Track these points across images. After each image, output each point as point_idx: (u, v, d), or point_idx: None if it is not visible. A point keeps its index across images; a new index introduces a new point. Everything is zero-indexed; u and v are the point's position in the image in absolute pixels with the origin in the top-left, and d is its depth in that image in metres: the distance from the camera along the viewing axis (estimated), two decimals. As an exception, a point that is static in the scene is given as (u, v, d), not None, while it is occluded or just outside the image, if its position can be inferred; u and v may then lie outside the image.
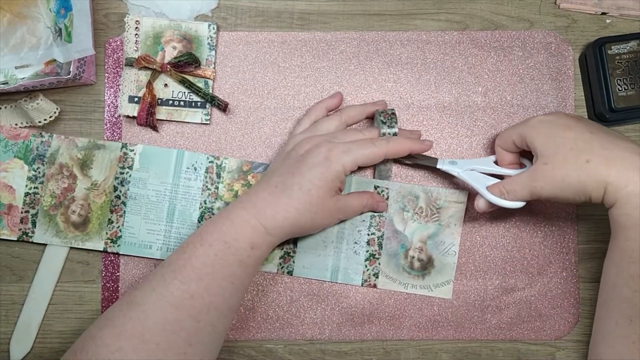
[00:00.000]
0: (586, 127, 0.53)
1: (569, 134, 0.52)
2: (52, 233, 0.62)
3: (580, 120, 0.54)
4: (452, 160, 0.61)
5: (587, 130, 0.52)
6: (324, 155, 0.55)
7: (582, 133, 0.52)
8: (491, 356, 0.63)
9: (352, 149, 0.55)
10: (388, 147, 0.57)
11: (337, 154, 0.55)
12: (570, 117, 0.55)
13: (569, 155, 0.51)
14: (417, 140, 0.60)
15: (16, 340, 0.62)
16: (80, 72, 0.60)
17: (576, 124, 0.53)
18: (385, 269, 0.63)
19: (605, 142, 0.51)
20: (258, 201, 0.54)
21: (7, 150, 0.62)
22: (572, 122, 0.54)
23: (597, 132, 0.52)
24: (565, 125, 0.53)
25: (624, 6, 0.64)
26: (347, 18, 0.65)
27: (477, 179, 0.59)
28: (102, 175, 0.62)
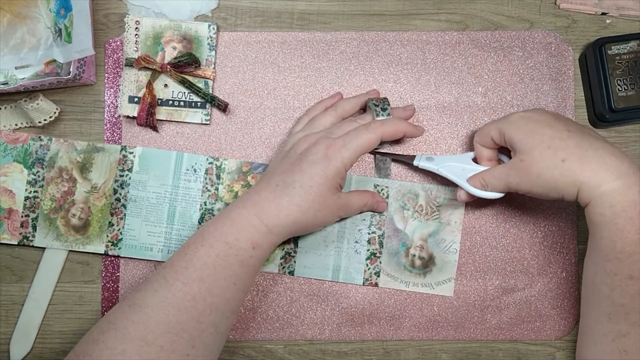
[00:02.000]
0: (564, 126, 0.53)
1: (547, 131, 0.52)
2: (52, 237, 0.62)
3: (559, 118, 0.54)
4: (429, 157, 0.61)
5: (564, 129, 0.52)
6: (322, 153, 0.54)
7: (560, 131, 0.52)
8: (491, 356, 0.64)
9: (348, 141, 0.55)
10: (383, 130, 0.56)
11: (336, 150, 0.54)
12: (550, 114, 0.55)
13: (546, 153, 0.52)
14: (411, 124, 0.59)
15: (16, 340, 0.62)
16: (80, 72, 0.60)
17: (555, 122, 0.53)
18: (386, 267, 0.63)
19: (581, 141, 0.51)
20: (260, 200, 0.54)
21: (7, 155, 0.62)
22: (551, 119, 0.54)
23: (575, 131, 0.52)
24: (544, 122, 0.53)
25: (624, 6, 0.64)
26: (347, 18, 0.65)
27: (456, 172, 0.59)
28: (102, 178, 0.62)
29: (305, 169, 0.54)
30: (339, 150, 0.54)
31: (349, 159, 0.55)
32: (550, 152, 0.52)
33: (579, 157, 0.51)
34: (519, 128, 0.54)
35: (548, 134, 0.52)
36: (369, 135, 0.56)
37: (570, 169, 0.51)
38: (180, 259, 0.53)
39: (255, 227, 0.53)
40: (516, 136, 0.54)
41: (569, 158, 0.51)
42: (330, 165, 0.54)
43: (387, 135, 0.57)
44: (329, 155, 0.54)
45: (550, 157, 0.51)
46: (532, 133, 0.53)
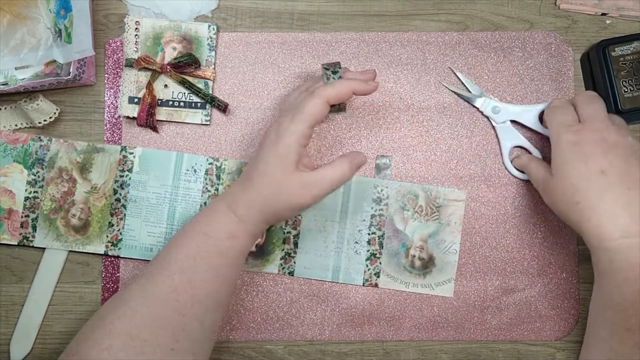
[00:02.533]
0: (601, 165, 0.51)
1: (580, 166, 0.51)
2: (52, 237, 0.62)
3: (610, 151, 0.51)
4: (495, 107, 0.62)
5: (598, 170, 0.51)
6: (274, 133, 0.53)
7: (591, 172, 0.51)
8: (491, 357, 0.64)
9: (295, 113, 0.53)
10: (327, 92, 0.53)
11: (285, 127, 0.52)
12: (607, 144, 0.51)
13: (568, 189, 0.52)
14: (360, 80, 0.55)
15: (16, 341, 0.62)
16: (80, 72, 0.60)
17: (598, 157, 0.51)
18: (386, 268, 0.63)
19: (606, 189, 0.50)
20: (231, 192, 0.55)
21: (6, 155, 0.62)
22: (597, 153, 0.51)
23: (609, 174, 0.50)
24: (588, 154, 0.51)
25: (624, 7, 0.64)
26: (347, 19, 0.65)
27: (509, 137, 0.62)
28: (102, 179, 0.62)
29: (263, 154, 0.53)
30: (287, 126, 0.52)
31: (299, 131, 0.52)
32: (572, 190, 0.51)
33: (591, 206, 0.50)
34: (561, 150, 0.53)
35: (579, 170, 0.51)
36: (313, 100, 0.52)
37: (580, 214, 0.51)
38: (165, 253, 0.53)
39: (228, 217, 0.54)
40: (556, 156, 0.54)
41: (582, 203, 0.51)
42: (280, 144, 0.52)
43: (333, 96, 0.53)
44: (279, 133, 0.53)
45: (570, 194, 0.52)
46: (568, 162, 0.52)
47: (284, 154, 0.52)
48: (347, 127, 0.64)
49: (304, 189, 0.53)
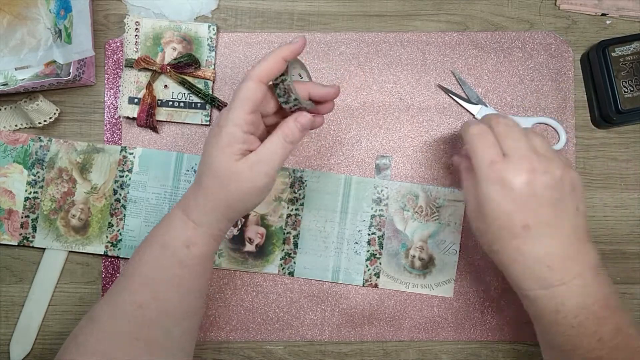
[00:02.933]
0: (522, 220, 0.47)
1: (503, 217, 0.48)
2: (52, 237, 0.62)
3: (527, 206, 0.47)
4: None
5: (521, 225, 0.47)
6: (216, 126, 0.49)
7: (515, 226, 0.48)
8: (491, 357, 0.64)
9: (232, 102, 0.49)
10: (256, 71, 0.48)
11: (224, 117, 0.49)
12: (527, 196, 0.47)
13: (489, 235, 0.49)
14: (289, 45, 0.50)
15: (16, 341, 0.62)
16: (80, 73, 0.60)
17: (519, 211, 0.47)
18: (386, 268, 0.63)
19: (525, 243, 0.48)
20: (186, 197, 0.52)
21: (6, 155, 0.62)
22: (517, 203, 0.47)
23: (530, 230, 0.47)
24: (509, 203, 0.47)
25: (624, 7, 0.64)
26: (347, 19, 0.65)
27: None
28: (102, 179, 0.62)
29: (208, 150, 0.50)
30: (226, 116, 0.49)
31: (238, 118, 0.48)
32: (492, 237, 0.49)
33: (510, 259, 0.49)
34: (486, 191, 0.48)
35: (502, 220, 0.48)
36: (246, 84, 0.48)
37: (499, 261, 0.50)
38: (129, 267, 0.52)
39: (184, 224, 0.51)
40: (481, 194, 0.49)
41: (501, 253, 0.49)
42: (221, 134, 0.48)
43: (264, 72, 0.48)
44: (219, 124, 0.49)
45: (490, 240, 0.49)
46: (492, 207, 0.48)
47: (227, 144, 0.48)
48: (347, 127, 0.64)
49: (252, 171, 0.49)
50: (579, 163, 0.64)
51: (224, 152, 0.48)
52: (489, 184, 0.48)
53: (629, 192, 0.64)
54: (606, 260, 0.64)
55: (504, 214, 0.47)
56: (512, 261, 0.49)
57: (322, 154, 0.64)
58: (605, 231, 0.64)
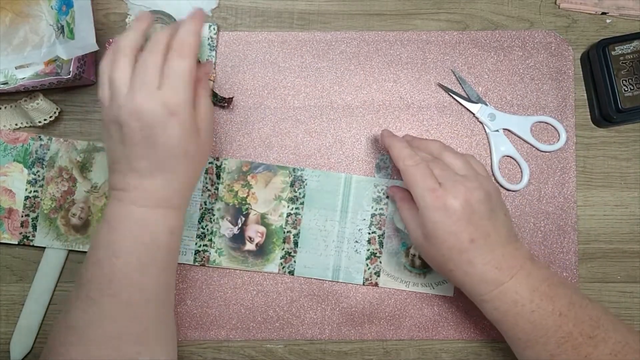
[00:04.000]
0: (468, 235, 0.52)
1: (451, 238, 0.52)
2: (52, 236, 0.62)
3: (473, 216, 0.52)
4: (491, 114, 0.63)
5: (468, 239, 0.52)
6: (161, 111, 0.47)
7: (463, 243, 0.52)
8: (492, 356, 0.63)
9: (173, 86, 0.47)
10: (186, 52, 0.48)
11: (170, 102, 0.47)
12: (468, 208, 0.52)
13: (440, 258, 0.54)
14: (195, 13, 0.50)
15: (16, 340, 0.62)
16: (81, 72, 0.60)
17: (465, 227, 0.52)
18: (386, 267, 0.63)
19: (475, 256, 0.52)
20: (149, 189, 0.50)
21: (7, 154, 0.62)
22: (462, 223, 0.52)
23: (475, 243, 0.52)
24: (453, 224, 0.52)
25: (624, 6, 0.64)
26: (347, 18, 0.65)
27: (501, 145, 0.63)
28: (102, 178, 0.62)
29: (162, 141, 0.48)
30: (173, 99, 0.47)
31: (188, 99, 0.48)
32: (444, 259, 0.53)
33: (464, 273, 0.53)
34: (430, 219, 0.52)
35: (450, 241, 0.52)
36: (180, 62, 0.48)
37: (455, 279, 0.54)
38: (100, 275, 0.49)
39: (164, 216, 0.51)
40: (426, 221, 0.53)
41: (455, 271, 0.53)
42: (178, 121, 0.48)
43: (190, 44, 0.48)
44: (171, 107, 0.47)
45: (442, 262, 0.54)
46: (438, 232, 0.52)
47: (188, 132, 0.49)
48: (347, 126, 0.64)
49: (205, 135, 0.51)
50: (579, 162, 0.64)
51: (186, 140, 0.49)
52: (434, 211, 0.52)
53: (629, 191, 0.64)
54: (606, 259, 0.64)
55: (451, 235, 0.52)
56: (466, 274, 0.53)
57: (323, 153, 0.64)
58: (605, 230, 0.64)
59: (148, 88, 0.47)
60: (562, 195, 0.63)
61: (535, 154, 0.64)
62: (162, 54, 0.48)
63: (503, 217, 0.54)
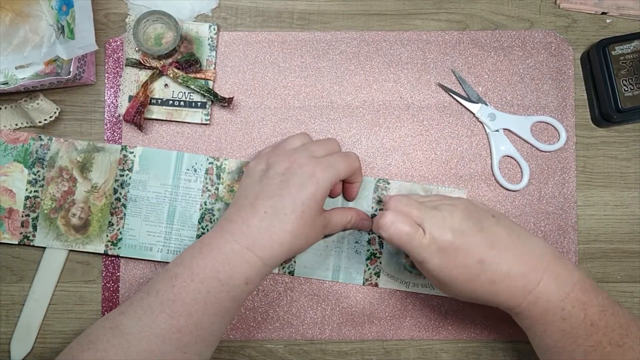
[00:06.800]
0: (479, 254, 0.50)
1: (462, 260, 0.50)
2: (52, 236, 0.62)
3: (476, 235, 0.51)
4: (491, 114, 0.63)
5: (476, 261, 0.50)
6: (309, 173, 0.52)
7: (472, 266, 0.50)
8: (492, 356, 0.63)
9: (333, 162, 0.53)
10: (359, 163, 0.57)
11: (323, 170, 0.52)
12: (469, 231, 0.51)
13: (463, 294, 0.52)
14: None
15: (16, 340, 0.62)
16: (81, 72, 0.60)
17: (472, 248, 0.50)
18: (386, 268, 0.63)
19: (495, 272, 0.50)
20: (250, 232, 0.51)
21: (7, 154, 0.62)
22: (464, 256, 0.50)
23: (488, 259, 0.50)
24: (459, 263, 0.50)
25: (624, 6, 0.64)
26: (347, 18, 0.65)
27: (501, 145, 0.63)
28: (102, 178, 0.62)
29: (295, 192, 0.51)
30: (325, 170, 0.52)
31: (335, 179, 0.53)
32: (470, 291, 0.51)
33: (492, 293, 0.51)
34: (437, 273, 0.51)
35: (464, 276, 0.50)
36: (350, 161, 0.55)
37: (487, 301, 0.52)
38: (167, 290, 0.50)
39: (250, 263, 0.51)
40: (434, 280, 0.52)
41: (484, 294, 0.51)
42: (319, 186, 0.52)
43: (359, 167, 0.57)
44: (316, 175, 0.52)
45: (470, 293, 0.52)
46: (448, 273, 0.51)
47: (321, 197, 0.52)
48: (347, 126, 0.64)
49: (324, 229, 0.56)
50: (579, 162, 0.64)
51: (317, 205, 0.52)
52: (431, 259, 0.51)
53: (629, 191, 0.64)
54: (606, 258, 0.64)
55: (460, 267, 0.50)
56: (493, 293, 0.51)
57: (323, 152, 0.64)
58: (605, 230, 0.64)
59: (312, 153, 0.54)
60: (562, 195, 0.64)
61: (536, 154, 0.64)
62: (334, 149, 0.56)
63: (494, 221, 0.52)
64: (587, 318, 0.50)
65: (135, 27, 0.60)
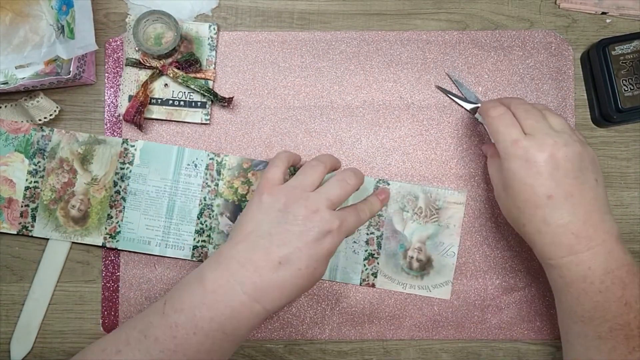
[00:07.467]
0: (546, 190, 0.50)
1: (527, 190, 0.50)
2: (51, 227, 0.62)
3: (555, 171, 0.50)
4: None
5: (545, 194, 0.50)
6: (327, 229, 0.51)
7: (539, 198, 0.50)
8: (491, 356, 0.63)
9: (347, 218, 0.53)
10: (367, 216, 0.57)
11: (340, 227, 0.52)
12: (551, 164, 0.50)
13: (515, 210, 0.52)
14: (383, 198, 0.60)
15: (16, 340, 0.62)
16: (80, 71, 0.60)
17: (544, 181, 0.50)
18: (384, 268, 0.63)
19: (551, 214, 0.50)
20: (262, 285, 0.49)
21: (8, 144, 0.62)
22: (544, 176, 0.50)
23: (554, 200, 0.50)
24: (532, 177, 0.50)
25: (624, 6, 0.64)
26: (347, 18, 0.65)
27: None
28: (102, 171, 0.62)
29: (312, 246, 0.50)
30: (343, 227, 0.52)
31: (350, 233, 0.54)
32: (518, 213, 0.52)
33: (537, 231, 0.51)
34: (510, 168, 0.51)
35: (527, 194, 0.51)
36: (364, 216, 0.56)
37: (527, 234, 0.53)
38: (168, 340, 0.48)
39: (257, 315, 0.50)
40: (506, 172, 0.52)
41: (528, 226, 0.52)
42: (335, 241, 0.52)
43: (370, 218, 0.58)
44: (332, 231, 0.51)
45: (516, 216, 0.53)
46: (516, 182, 0.51)
47: (334, 250, 0.52)
48: (347, 126, 0.64)
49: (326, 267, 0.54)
50: (579, 162, 0.64)
51: (329, 258, 0.52)
52: (513, 160, 0.51)
53: (629, 191, 0.64)
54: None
55: (528, 187, 0.50)
56: (539, 231, 0.51)
57: (323, 152, 0.64)
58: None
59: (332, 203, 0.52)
60: (562, 195, 0.63)
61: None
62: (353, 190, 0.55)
63: (594, 182, 0.51)
64: (623, 297, 0.49)
65: (135, 27, 0.60)
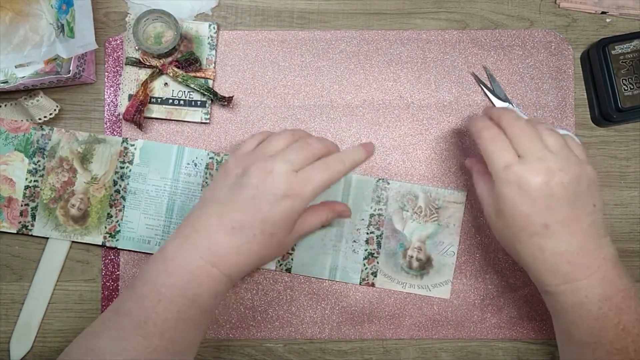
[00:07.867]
0: (542, 220, 0.48)
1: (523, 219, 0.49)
2: (51, 226, 0.62)
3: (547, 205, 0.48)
4: None
5: (541, 224, 0.48)
6: (283, 192, 0.49)
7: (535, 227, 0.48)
8: (491, 355, 0.63)
9: (312, 177, 0.50)
10: (345, 166, 0.51)
11: (299, 186, 0.49)
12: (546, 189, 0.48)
13: (509, 237, 0.51)
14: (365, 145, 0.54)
15: (16, 339, 0.62)
16: (80, 71, 0.60)
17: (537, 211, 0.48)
18: (383, 268, 0.63)
19: (546, 243, 0.49)
20: (217, 249, 0.49)
21: (8, 143, 0.62)
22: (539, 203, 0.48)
23: (549, 229, 0.48)
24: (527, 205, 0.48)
25: (624, 5, 0.64)
26: (347, 17, 0.65)
27: None
28: (102, 170, 0.62)
29: (267, 211, 0.49)
30: (302, 186, 0.49)
31: (312, 195, 0.50)
32: (513, 239, 0.50)
33: (532, 258, 0.50)
34: (504, 194, 0.49)
35: (522, 222, 0.49)
36: (332, 173, 0.51)
37: (521, 260, 0.51)
38: (137, 312, 0.49)
39: (216, 280, 0.50)
40: (499, 198, 0.50)
41: (522, 252, 0.50)
42: (295, 204, 0.49)
43: (349, 169, 0.52)
44: (292, 191, 0.49)
45: (511, 243, 0.51)
46: (510, 210, 0.49)
47: (295, 217, 0.50)
48: (347, 125, 0.64)
49: (295, 240, 0.54)
50: (579, 161, 0.64)
51: (289, 225, 0.50)
52: (507, 186, 0.49)
53: (629, 190, 0.64)
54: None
55: (523, 215, 0.48)
56: (534, 258, 0.50)
57: (322, 152, 0.64)
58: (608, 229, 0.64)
59: (291, 164, 0.49)
60: (562, 194, 0.63)
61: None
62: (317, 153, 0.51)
63: (591, 208, 0.49)
64: (620, 323, 0.48)
65: (135, 26, 0.60)
